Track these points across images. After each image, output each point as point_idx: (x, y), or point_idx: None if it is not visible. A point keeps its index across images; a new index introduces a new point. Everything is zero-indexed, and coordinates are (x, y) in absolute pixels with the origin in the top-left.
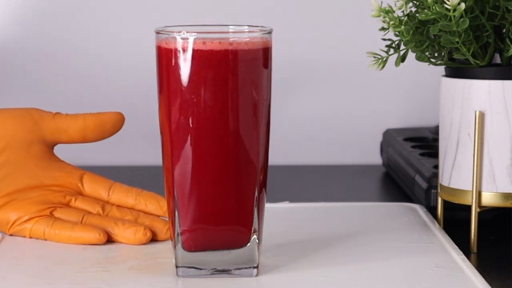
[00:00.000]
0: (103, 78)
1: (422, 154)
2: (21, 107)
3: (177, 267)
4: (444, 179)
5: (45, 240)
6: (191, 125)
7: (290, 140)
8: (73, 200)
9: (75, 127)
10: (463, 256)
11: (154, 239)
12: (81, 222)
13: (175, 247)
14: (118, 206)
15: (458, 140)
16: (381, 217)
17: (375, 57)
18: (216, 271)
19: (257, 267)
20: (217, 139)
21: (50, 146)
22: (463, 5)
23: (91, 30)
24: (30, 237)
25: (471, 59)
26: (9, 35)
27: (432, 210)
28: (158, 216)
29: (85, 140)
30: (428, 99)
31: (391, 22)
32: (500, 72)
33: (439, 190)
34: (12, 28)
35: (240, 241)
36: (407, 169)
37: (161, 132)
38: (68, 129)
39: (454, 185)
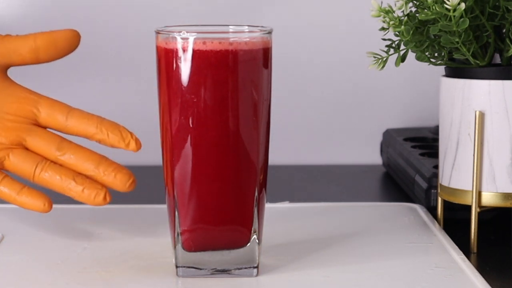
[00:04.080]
0: (103, 78)
1: (422, 154)
2: None
3: (177, 267)
4: (444, 179)
5: None
6: (191, 125)
7: (290, 140)
8: (28, 138)
9: (26, 47)
10: (463, 256)
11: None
12: (34, 174)
13: (175, 247)
14: (76, 135)
15: (458, 140)
16: (381, 217)
17: (375, 57)
18: (216, 271)
19: (257, 267)
20: (217, 139)
21: (2, 69)
22: (463, 5)
23: (91, 30)
24: None
25: (471, 59)
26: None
27: (432, 210)
28: (122, 148)
29: (38, 60)
30: (428, 99)
31: (391, 22)
32: (500, 72)
33: (439, 190)
34: (12, 28)
35: (240, 241)
36: (407, 169)
37: (161, 132)
38: (19, 49)
39: (454, 185)
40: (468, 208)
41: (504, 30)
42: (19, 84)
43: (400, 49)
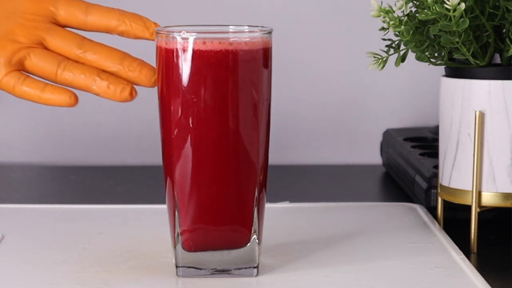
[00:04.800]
0: None
1: (422, 154)
2: None
3: (177, 267)
4: (444, 179)
5: (13, 94)
6: (191, 125)
7: (290, 140)
8: (47, 38)
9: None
10: (463, 256)
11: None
12: (56, 73)
13: (175, 247)
14: (97, 31)
15: (458, 140)
16: (381, 217)
17: (375, 57)
18: (216, 271)
19: (257, 267)
20: (217, 139)
21: None
22: (463, 5)
23: None
24: None
25: (471, 59)
26: None
27: (432, 210)
28: (146, 38)
29: None
30: (428, 99)
31: (391, 22)
32: (500, 72)
33: (439, 190)
34: None
35: (240, 241)
36: (407, 169)
37: (161, 132)
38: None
39: (454, 185)
40: (468, 208)
41: (504, 30)
42: None
43: (400, 49)
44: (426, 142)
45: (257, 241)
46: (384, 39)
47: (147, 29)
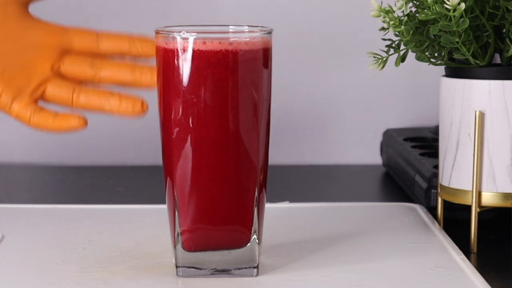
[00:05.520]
0: None
1: (422, 154)
2: None
3: (177, 267)
4: (444, 179)
5: (28, 125)
6: (191, 125)
7: (290, 140)
8: (62, 66)
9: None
10: (463, 256)
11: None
12: (72, 99)
13: (175, 247)
14: (109, 56)
15: (458, 140)
16: (381, 217)
17: (375, 57)
18: (216, 271)
19: (257, 267)
20: (217, 139)
21: (25, 4)
22: (463, 5)
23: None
24: (15, 118)
25: (471, 59)
26: None
27: (432, 210)
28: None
29: None
30: (428, 99)
31: (391, 22)
32: (500, 72)
33: (439, 190)
34: None
35: (240, 241)
36: (407, 169)
37: (161, 132)
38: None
39: (454, 185)
40: (468, 208)
41: (504, 30)
42: (42, 19)
43: (400, 49)
44: (426, 142)
45: (257, 241)
46: (384, 39)
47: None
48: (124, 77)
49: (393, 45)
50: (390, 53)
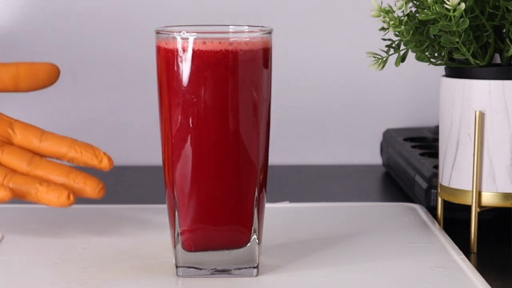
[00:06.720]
0: (103, 77)
1: (422, 154)
2: None
3: (177, 267)
4: (444, 179)
5: None
6: (191, 125)
7: (290, 140)
8: (0, 155)
9: (8, 74)
10: (463, 256)
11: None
12: (2, 183)
13: (175, 247)
14: (49, 156)
15: (458, 140)
16: (381, 217)
17: (375, 57)
18: (216, 271)
19: (257, 267)
20: (217, 139)
21: None
22: (463, 5)
23: (91, 30)
24: None
25: (471, 59)
26: (8, 35)
27: (432, 210)
28: (95, 166)
29: (17, 88)
30: (428, 99)
31: (391, 22)
32: (500, 72)
33: (439, 190)
34: (12, 27)
35: (240, 241)
36: (407, 169)
37: (161, 132)
38: (0, 75)
39: (454, 185)
40: (468, 208)
41: (504, 30)
42: None
43: (400, 49)
44: (426, 142)
45: (257, 241)
46: (384, 39)
47: (96, 157)
48: (57, 179)
49: (393, 45)
50: (390, 53)
